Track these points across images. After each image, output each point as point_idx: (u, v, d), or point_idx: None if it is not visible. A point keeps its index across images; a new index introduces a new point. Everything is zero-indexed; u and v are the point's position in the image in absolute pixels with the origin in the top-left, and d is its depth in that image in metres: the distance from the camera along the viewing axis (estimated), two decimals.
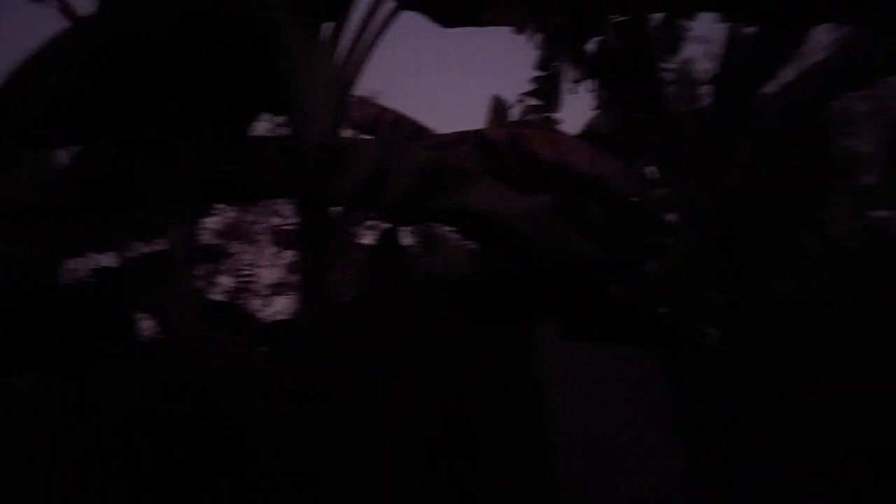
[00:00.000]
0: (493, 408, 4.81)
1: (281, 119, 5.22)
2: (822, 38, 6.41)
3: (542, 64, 6.97)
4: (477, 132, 5.46)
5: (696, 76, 7.17)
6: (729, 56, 6.58)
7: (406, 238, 6.95)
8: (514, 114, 7.64)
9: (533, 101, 7.17)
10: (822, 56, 5.95)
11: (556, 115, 7.01)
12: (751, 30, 6.29)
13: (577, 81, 6.50)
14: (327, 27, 4.66)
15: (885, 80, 6.94)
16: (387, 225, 5.19)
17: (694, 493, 5.06)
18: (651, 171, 6.64)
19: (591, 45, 6.25)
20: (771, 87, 6.22)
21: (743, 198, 5.67)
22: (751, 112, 5.95)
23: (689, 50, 6.99)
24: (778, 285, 6.08)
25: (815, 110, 5.78)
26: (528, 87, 7.21)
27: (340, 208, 4.94)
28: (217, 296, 6.62)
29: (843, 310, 5.90)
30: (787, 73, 6.09)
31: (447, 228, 6.61)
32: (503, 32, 6.43)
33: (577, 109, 10.84)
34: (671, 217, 6.29)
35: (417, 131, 6.38)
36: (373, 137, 6.47)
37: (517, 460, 4.68)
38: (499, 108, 7.97)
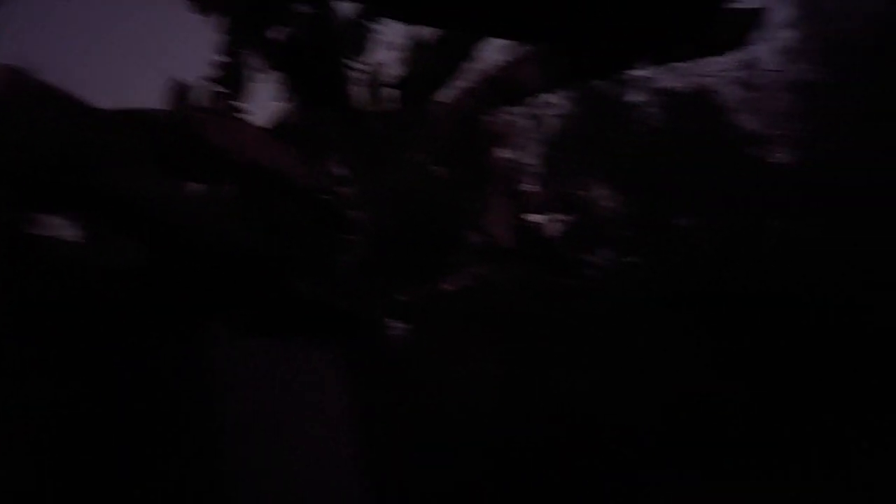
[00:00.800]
0: (155, 409, 4.38)
1: None
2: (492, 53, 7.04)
3: (227, 49, 6.64)
4: (142, 111, 4.94)
5: (384, 79, 7.42)
6: (411, 61, 6.91)
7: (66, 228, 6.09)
8: (199, 98, 7.16)
9: (217, 88, 6.80)
10: (488, 69, 6.53)
11: (243, 104, 6.74)
12: (431, 37, 6.68)
13: (262, 71, 6.31)
14: None
15: (542, 97, 7.89)
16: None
17: (368, 482, 5.18)
18: (338, 168, 6.69)
19: (277, 35, 6.11)
20: (445, 95, 6.68)
21: (419, 198, 5.97)
22: (427, 117, 6.30)
23: (382, 54, 7.22)
24: (449, 279, 6.56)
25: (479, 120, 6.32)
26: (213, 73, 6.85)
27: None
28: None
29: (503, 302, 6.57)
30: (460, 83, 6.58)
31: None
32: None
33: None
34: (355, 214, 6.38)
35: (73, 106, 5.59)
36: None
37: (181, 459, 4.32)
38: (179, 90, 7.40)
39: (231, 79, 6.55)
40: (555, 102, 9.58)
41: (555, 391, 6.63)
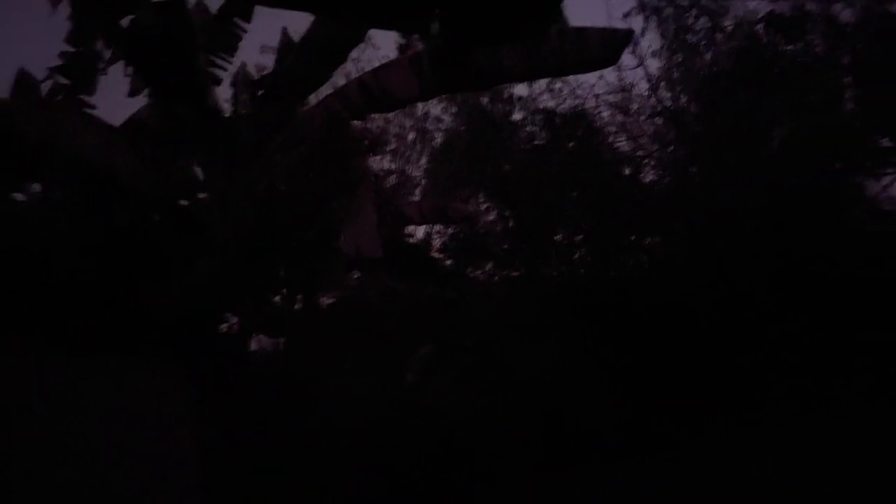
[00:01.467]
0: None
1: None
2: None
3: (74, 39, 6.04)
4: None
5: (251, 79, 7.01)
6: (281, 62, 6.56)
7: None
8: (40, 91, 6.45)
9: (61, 80, 6.16)
10: (360, 74, 6.29)
11: (90, 98, 6.12)
12: (302, 38, 6.36)
13: (109, 63, 5.76)
14: None
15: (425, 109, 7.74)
16: None
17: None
18: (195, 171, 6.20)
19: (129, 25, 5.59)
20: (314, 98, 6.38)
21: (282, 203, 5.62)
22: (294, 119, 5.97)
23: (251, 54, 6.83)
24: (316, 290, 6.23)
25: (348, 125, 6.06)
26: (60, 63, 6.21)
27: None
28: None
29: (372, 314, 6.31)
30: (327, 88, 6.31)
31: None
32: None
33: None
34: (213, 220, 5.92)
35: None
36: None
37: None
38: (24, 82, 6.67)
39: (78, 70, 5.95)
40: (437, 115, 9.54)
41: (430, 403, 6.47)
